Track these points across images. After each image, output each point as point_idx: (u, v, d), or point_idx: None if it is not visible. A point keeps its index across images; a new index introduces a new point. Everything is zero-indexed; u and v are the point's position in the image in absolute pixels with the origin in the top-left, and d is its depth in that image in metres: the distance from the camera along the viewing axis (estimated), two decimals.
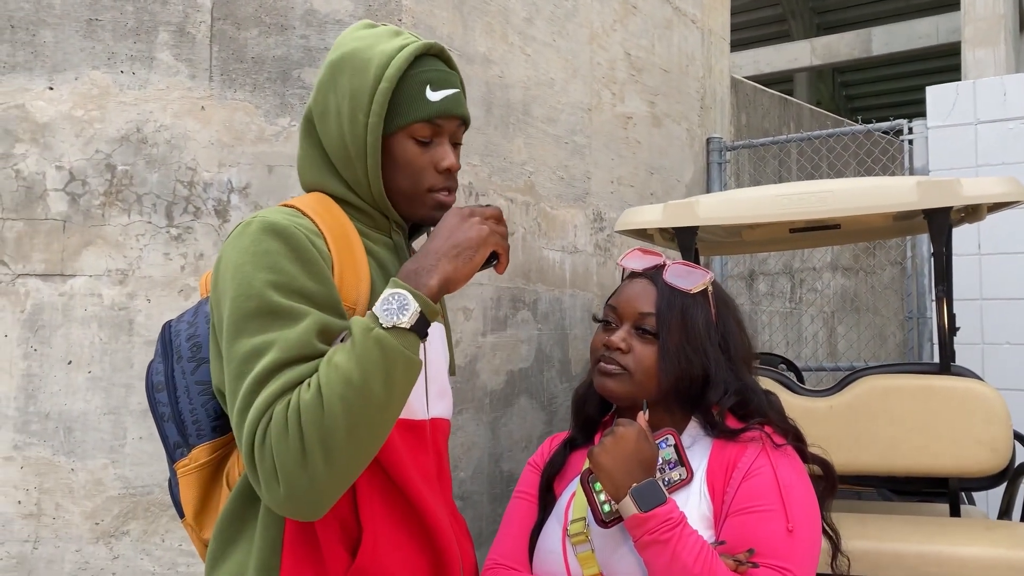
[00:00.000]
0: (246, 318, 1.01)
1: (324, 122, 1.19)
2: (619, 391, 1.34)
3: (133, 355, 2.34)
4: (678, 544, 1.15)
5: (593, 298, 3.49)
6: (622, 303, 1.37)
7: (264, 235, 1.05)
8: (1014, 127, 3.86)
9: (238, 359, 1.01)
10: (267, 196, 2.42)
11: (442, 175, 1.19)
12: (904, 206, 2.21)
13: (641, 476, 1.21)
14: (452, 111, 1.18)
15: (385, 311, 1.01)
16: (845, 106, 19.68)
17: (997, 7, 11.73)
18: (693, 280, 1.35)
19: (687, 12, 4.27)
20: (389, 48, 1.16)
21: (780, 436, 1.32)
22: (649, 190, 3.90)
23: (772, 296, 5.58)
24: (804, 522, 1.21)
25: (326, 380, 0.96)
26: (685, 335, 1.32)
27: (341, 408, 0.95)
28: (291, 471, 0.94)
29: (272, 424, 0.96)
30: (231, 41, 2.44)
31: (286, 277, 1.02)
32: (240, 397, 1.00)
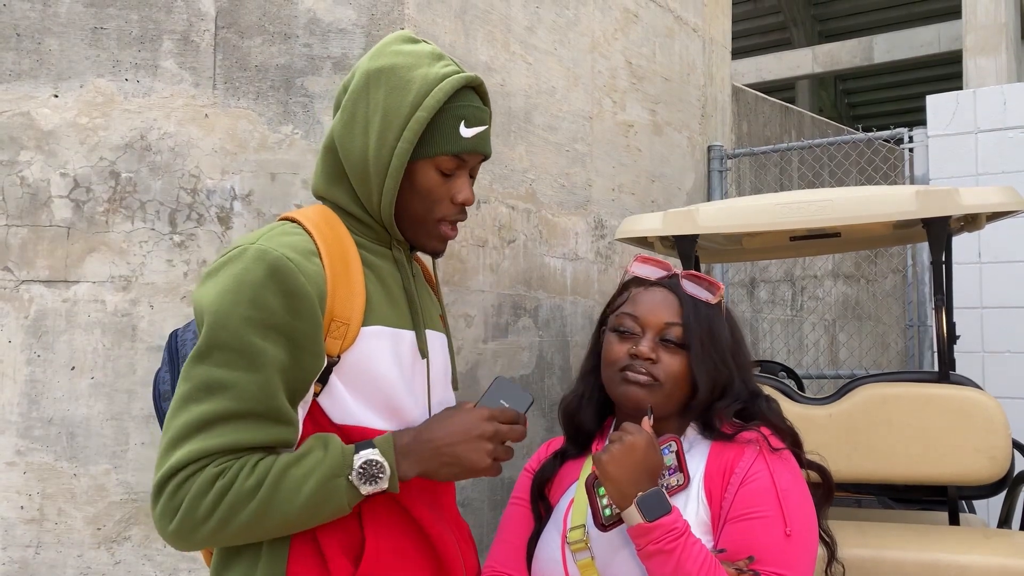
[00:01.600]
0: (214, 346, 1.03)
1: (348, 132, 1.18)
2: (648, 401, 1.33)
3: (136, 361, 2.36)
4: (682, 554, 1.15)
5: (594, 305, 3.50)
6: (644, 312, 1.35)
7: (255, 265, 1.05)
8: (1014, 136, 3.87)
9: (193, 382, 1.03)
10: (269, 203, 2.44)
11: (456, 207, 1.21)
12: (903, 215, 2.22)
13: (647, 485, 1.21)
14: (480, 149, 1.20)
15: (360, 471, 1.04)
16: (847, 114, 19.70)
17: (999, 15, 11.75)
18: (710, 291, 1.37)
19: (688, 21, 4.29)
20: (431, 75, 1.15)
21: (778, 439, 1.33)
22: (650, 198, 3.92)
23: (773, 304, 5.58)
24: (801, 526, 1.22)
25: (270, 484, 1.00)
26: (713, 346, 1.33)
27: (263, 512, 1.01)
28: (188, 524, 1.00)
29: (198, 481, 1.00)
30: (235, 49, 2.46)
31: (265, 313, 1.03)
32: (177, 427, 1.02)
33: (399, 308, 1.19)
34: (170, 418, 1.04)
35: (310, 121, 2.47)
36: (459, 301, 2.72)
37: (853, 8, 17.98)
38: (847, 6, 18.02)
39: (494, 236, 2.91)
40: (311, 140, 2.47)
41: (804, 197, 2.38)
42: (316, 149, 2.47)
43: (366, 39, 2.51)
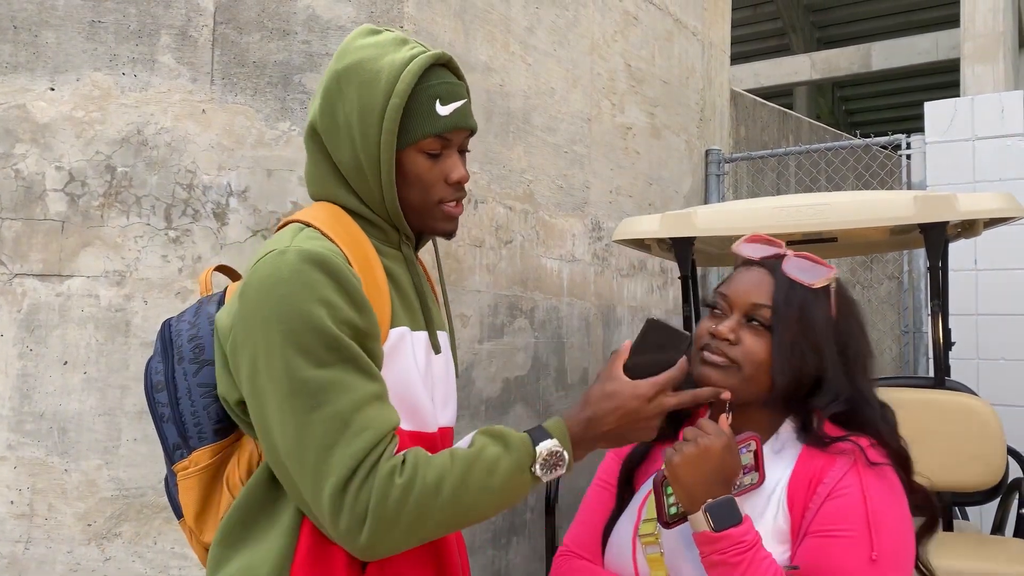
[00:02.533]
0: (301, 350, 0.99)
1: (333, 135, 1.17)
2: (723, 384, 1.22)
3: (129, 356, 2.34)
4: (748, 569, 1.09)
5: (590, 307, 3.49)
6: (734, 291, 1.26)
7: (305, 266, 1.03)
8: (1011, 144, 3.88)
9: (301, 394, 0.99)
10: (266, 200, 2.43)
11: (452, 187, 1.19)
12: (901, 220, 2.22)
13: (719, 492, 1.13)
14: (461, 124, 1.17)
15: (543, 462, 1.06)
16: (844, 120, 19.74)
17: (997, 24, 11.79)
18: (816, 274, 1.24)
19: (688, 24, 4.29)
20: (398, 60, 1.14)
21: (879, 454, 1.18)
22: (647, 200, 3.91)
23: None
24: (891, 553, 1.09)
25: (452, 480, 1.00)
26: (802, 332, 1.20)
27: (451, 508, 1.01)
28: (381, 528, 0.98)
29: (376, 482, 0.98)
30: (233, 45, 2.45)
31: (334, 309, 1.02)
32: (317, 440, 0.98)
33: (412, 309, 1.20)
34: (299, 438, 0.99)
35: (307, 118, 2.46)
36: (455, 301, 2.71)
37: (851, 15, 18.03)
38: (845, 13, 18.07)
39: (491, 236, 2.90)
40: None
41: (802, 201, 2.37)
42: None
43: None
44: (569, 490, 3.27)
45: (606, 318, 3.62)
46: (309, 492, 0.99)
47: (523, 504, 3.01)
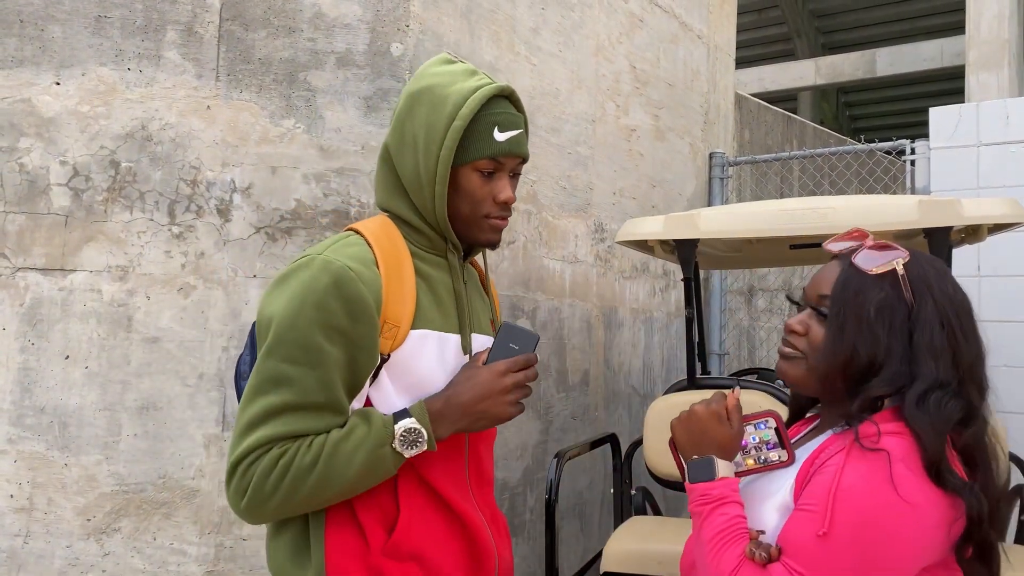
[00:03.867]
0: (281, 343, 1.17)
1: (401, 149, 1.31)
2: (792, 375, 1.27)
3: (131, 352, 2.34)
4: (705, 520, 1.19)
5: (592, 308, 3.49)
6: (809, 285, 1.31)
7: (321, 273, 1.19)
8: (1016, 150, 3.87)
9: (262, 375, 1.17)
10: (269, 197, 2.43)
11: (499, 205, 1.32)
12: (905, 224, 2.22)
13: (709, 452, 1.25)
14: (514, 151, 1.31)
15: (402, 438, 1.19)
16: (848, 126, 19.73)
17: (1002, 31, 11.78)
18: (878, 260, 1.21)
19: (693, 27, 4.29)
20: (465, 88, 1.28)
21: (897, 445, 1.12)
22: (651, 202, 3.91)
23: (771, 312, 5.58)
24: (846, 533, 1.08)
25: (325, 458, 1.15)
26: (856, 318, 1.19)
27: (321, 484, 1.16)
28: (257, 500, 1.16)
29: (264, 462, 1.15)
30: (239, 42, 2.45)
31: (328, 315, 1.17)
32: (248, 415, 1.17)
33: (448, 313, 1.32)
34: (242, 407, 1.18)
35: (312, 116, 2.46)
36: None
37: (856, 21, 18.02)
38: (851, 19, 18.06)
39: None
40: (313, 134, 2.46)
41: (806, 204, 2.37)
42: (318, 144, 2.46)
43: (371, 35, 2.50)
44: (571, 492, 3.27)
45: (608, 320, 3.62)
46: (229, 450, 1.18)
47: (523, 504, 3.00)
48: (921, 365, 1.17)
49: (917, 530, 1.08)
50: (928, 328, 1.18)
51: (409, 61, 2.52)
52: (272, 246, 2.42)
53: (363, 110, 2.49)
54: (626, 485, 2.82)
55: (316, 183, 2.45)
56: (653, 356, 4.01)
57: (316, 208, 2.45)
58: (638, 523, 2.63)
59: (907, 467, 1.10)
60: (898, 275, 1.21)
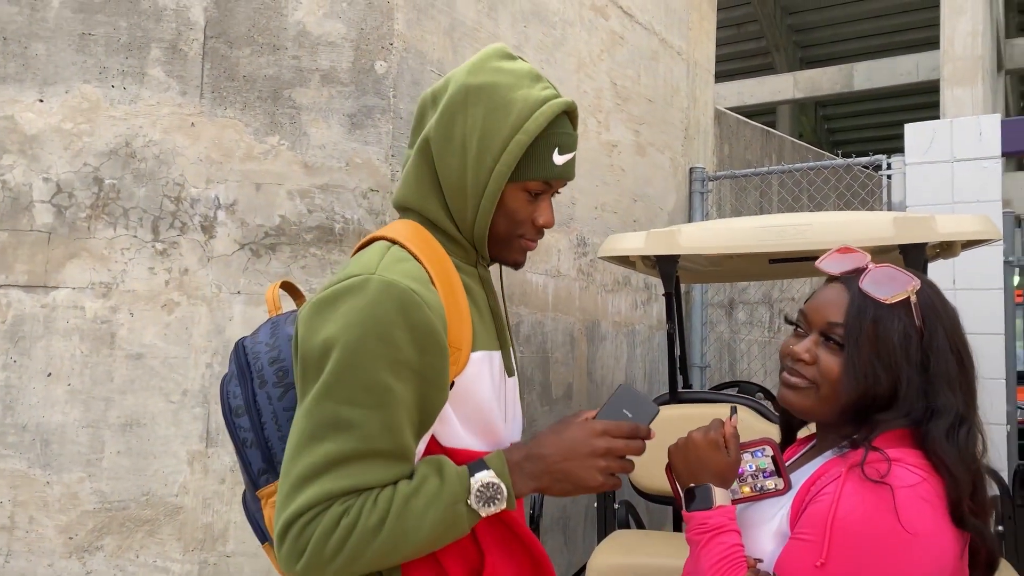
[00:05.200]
0: (340, 382, 1.01)
1: (446, 148, 1.16)
2: (800, 405, 1.22)
3: (114, 369, 2.34)
4: (703, 550, 1.17)
5: (575, 322, 3.52)
6: (812, 310, 1.24)
7: (382, 298, 1.03)
8: (989, 166, 3.95)
9: (316, 419, 1.01)
10: (253, 214, 2.44)
11: (536, 228, 1.22)
12: (881, 241, 2.26)
13: (706, 480, 1.22)
14: (568, 176, 1.21)
15: (478, 494, 1.04)
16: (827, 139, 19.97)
17: (976, 48, 11.99)
18: (892, 288, 1.18)
19: (673, 44, 4.35)
20: (532, 97, 1.15)
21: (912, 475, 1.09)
22: (632, 217, 3.95)
23: (751, 325, 5.63)
24: (843, 563, 1.06)
25: (394, 518, 1.00)
26: (875, 350, 1.16)
27: (389, 546, 1.01)
28: (315, 563, 1.00)
29: (324, 521, 0.99)
30: (223, 59, 2.47)
31: (394, 349, 1.02)
32: (304, 466, 1.00)
33: (489, 329, 1.21)
34: (294, 456, 1.01)
35: (297, 132, 2.48)
36: None
37: (834, 36, 18.27)
38: (828, 33, 18.31)
39: None
40: (297, 151, 2.47)
41: (785, 221, 2.41)
42: (302, 160, 2.47)
43: (355, 53, 2.52)
44: (555, 505, 3.28)
45: (591, 333, 3.65)
46: (279, 504, 1.02)
47: None
48: (940, 396, 1.15)
49: (920, 561, 1.05)
50: (943, 357, 1.17)
51: (393, 79, 2.55)
52: (256, 262, 2.43)
53: (347, 127, 2.51)
54: (609, 499, 2.84)
55: (300, 199, 2.47)
56: (636, 369, 4.04)
57: (300, 224, 2.46)
58: (622, 537, 2.65)
59: (919, 496, 1.07)
60: (911, 303, 1.18)
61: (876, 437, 1.14)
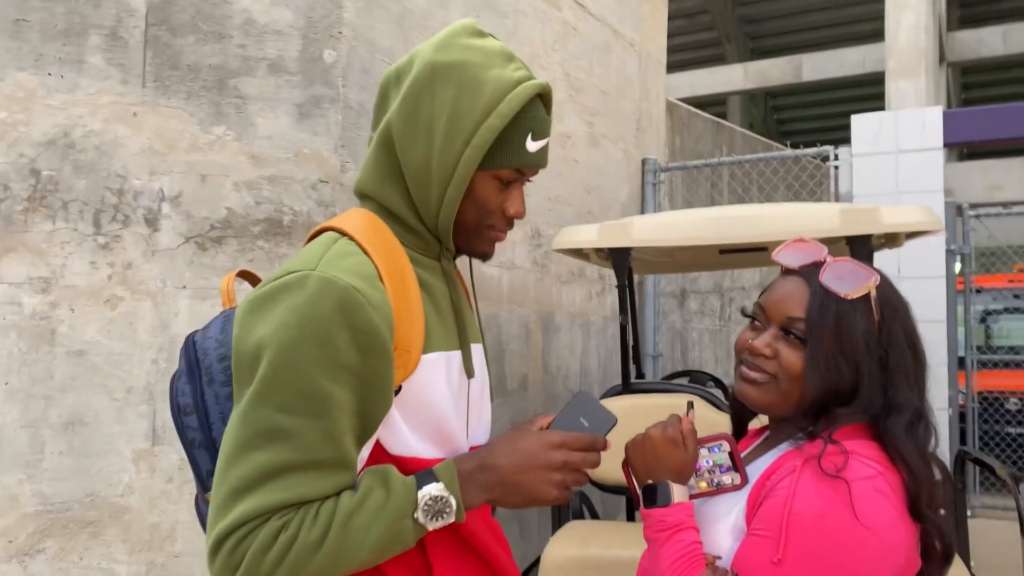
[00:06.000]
0: (275, 387, 0.94)
1: (410, 131, 1.08)
2: (760, 400, 1.21)
3: (54, 366, 2.27)
4: (662, 547, 1.16)
5: (530, 314, 3.51)
6: (771, 303, 1.23)
7: (320, 296, 0.96)
8: (932, 157, 4.05)
9: (251, 427, 0.94)
10: (199, 206, 2.38)
11: (506, 219, 1.14)
12: (827, 232, 2.30)
13: (664, 477, 1.20)
14: (541, 163, 1.14)
15: (426, 508, 0.98)
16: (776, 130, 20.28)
17: (919, 40, 12.28)
18: (853, 283, 1.18)
19: (625, 35, 4.36)
20: (506, 78, 1.07)
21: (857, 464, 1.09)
22: (586, 208, 3.96)
23: (702, 314, 5.70)
24: (801, 560, 1.06)
25: (335, 534, 0.94)
26: (839, 345, 1.15)
27: (330, 563, 0.95)
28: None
29: (260, 536, 0.93)
30: (166, 47, 2.40)
31: (334, 351, 0.95)
32: (238, 477, 0.94)
33: (448, 327, 1.14)
34: (228, 465, 0.95)
35: (243, 123, 2.42)
36: None
37: (784, 27, 18.55)
38: (778, 25, 18.58)
39: None
40: (244, 142, 2.42)
41: (734, 212, 2.44)
42: (249, 151, 2.42)
43: (303, 41, 2.47)
44: None
45: (545, 325, 3.65)
46: (210, 516, 0.96)
47: None
48: (899, 391, 1.16)
49: (876, 554, 1.06)
50: (900, 352, 1.18)
51: (342, 68, 2.50)
52: (202, 256, 2.38)
53: (295, 117, 2.46)
54: None
55: (247, 191, 2.42)
56: (590, 359, 4.06)
57: (248, 217, 2.41)
58: (576, 527, 2.66)
59: (875, 488, 1.08)
60: (871, 298, 1.18)
61: (835, 430, 1.14)
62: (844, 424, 1.16)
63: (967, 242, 5.74)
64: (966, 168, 13.76)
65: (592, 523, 2.78)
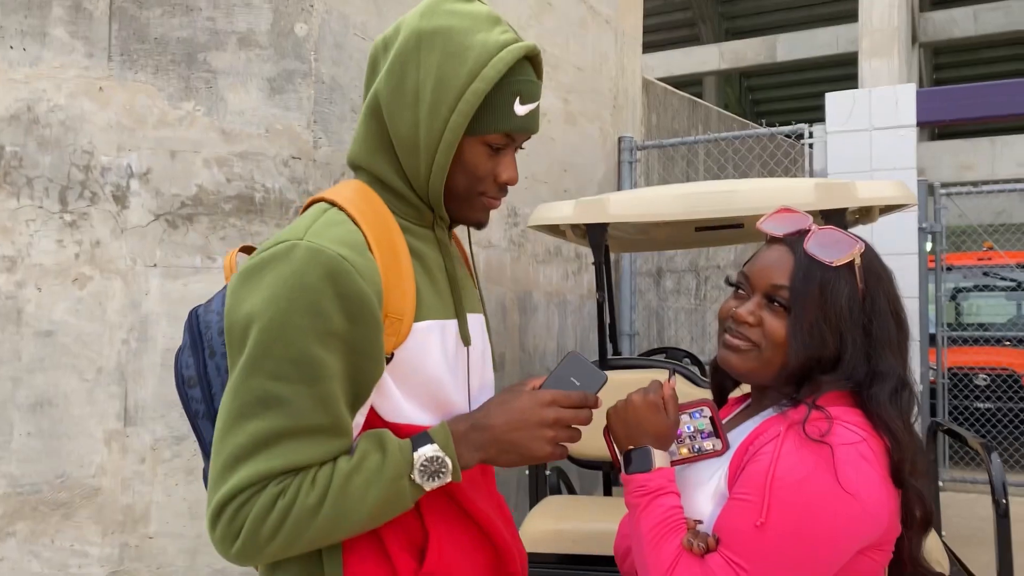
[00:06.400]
0: (267, 356, 0.96)
1: (397, 99, 1.08)
2: (743, 367, 1.21)
3: (22, 346, 2.22)
4: (643, 512, 1.16)
5: (507, 292, 3.50)
6: (756, 271, 1.23)
7: (308, 266, 0.97)
8: (905, 134, 4.08)
9: (244, 396, 0.96)
10: (169, 182, 2.33)
11: (499, 185, 1.14)
12: (803, 206, 2.30)
13: (645, 442, 1.20)
14: (531, 128, 1.13)
15: (422, 469, 1.00)
16: (751, 110, 20.36)
17: (892, 20, 12.35)
18: (837, 251, 1.18)
19: (601, 12, 4.33)
20: (491, 41, 1.06)
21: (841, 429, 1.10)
22: (563, 187, 3.94)
23: (678, 293, 5.73)
24: (784, 524, 1.07)
25: (333, 497, 0.97)
26: (823, 313, 1.16)
27: (329, 525, 0.97)
28: (251, 546, 0.96)
29: (259, 502, 0.95)
30: (132, 20, 2.34)
31: (323, 320, 0.96)
32: (234, 446, 0.96)
33: (443, 296, 1.14)
34: (223, 436, 0.97)
35: (213, 98, 2.38)
36: None
37: (758, 7, 18.57)
38: (752, 5, 18.60)
39: None
40: (214, 117, 2.37)
41: (710, 188, 2.43)
42: (220, 127, 2.38)
43: (273, 14, 2.43)
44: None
45: (522, 304, 3.64)
46: (210, 486, 0.98)
47: None
48: (883, 360, 1.17)
49: (858, 518, 1.07)
50: (884, 320, 1.18)
51: (314, 42, 2.46)
52: (173, 233, 2.34)
53: (267, 92, 2.42)
54: (541, 465, 2.86)
55: (218, 168, 2.37)
56: (567, 338, 4.06)
57: (219, 194, 2.37)
58: (553, 503, 2.67)
59: (859, 454, 1.09)
60: (855, 266, 1.19)
61: (819, 397, 1.15)
62: (828, 391, 1.16)
63: (938, 220, 5.81)
64: (937, 148, 13.91)
65: (569, 498, 2.79)
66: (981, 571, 2.62)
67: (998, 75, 16.40)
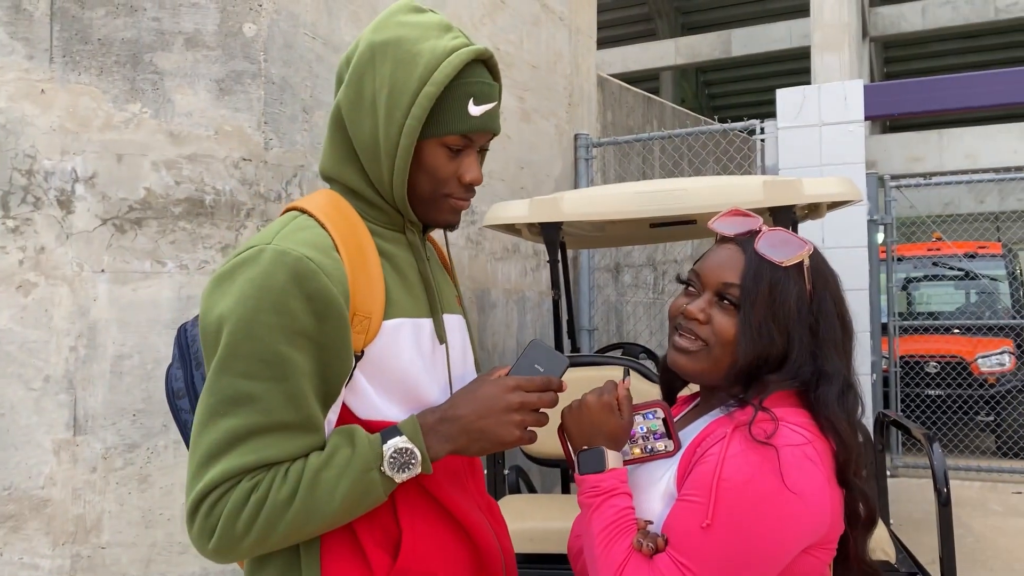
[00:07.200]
0: (237, 356, 0.99)
1: (356, 109, 1.13)
2: (692, 369, 1.22)
3: None
4: (595, 512, 1.17)
5: (465, 291, 3.50)
6: (707, 269, 1.24)
7: (275, 268, 1.01)
8: (853, 129, 4.15)
9: (218, 395, 1.00)
10: (116, 186, 2.29)
11: (463, 186, 1.16)
12: (751, 204, 2.34)
13: (599, 443, 1.21)
14: (489, 127, 1.15)
15: (391, 460, 1.03)
16: (707, 104, 20.57)
17: (843, 15, 12.56)
18: (787, 252, 1.20)
19: (555, 9, 4.34)
20: (440, 47, 1.10)
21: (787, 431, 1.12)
22: (519, 184, 3.95)
23: (636, 287, 5.78)
24: (731, 525, 1.08)
25: (305, 490, 1.00)
26: (771, 311, 1.18)
27: (302, 519, 1.00)
28: (227, 541, 0.99)
29: (232, 498, 0.98)
30: (74, 20, 2.29)
31: (290, 319, 1.00)
32: (207, 444, 0.99)
33: (416, 296, 1.17)
34: (197, 434, 1.00)
35: (160, 99, 2.34)
36: None
37: (713, 2, 18.76)
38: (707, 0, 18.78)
39: None
40: (161, 119, 2.34)
41: (661, 186, 2.46)
42: (167, 129, 2.34)
43: (221, 15, 2.39)
44: None
45: (481, 301, 3.65)
46: (187, 483, 1.01)
47: None
48: (828, 360, 1.19)
49: (802, 519, 1.09)
50: (830, 321, 1.21)
51: (263, 42, 2.43)
52: (121, 238, 2.30)
53: (215, 93, 2.39)
54: (499, 464, 2.87)
55: (167, 170, 2.34)
56: (527, 335, 4.07)
57: (168, 197, 2.33)
58: (512, 502, 2.68)
59: (804, 455, 1.10)
60: (804, 267, 1.21)
61: (766, 398, 1.17)
62: (774, 391, 1.18)
63: (889, 212, 5.94)
64: (887, 140, 14.20)
65: (528, 497, 2.80)
66: (930, 556, 2.69)
67: (947, 68, 16.79)
